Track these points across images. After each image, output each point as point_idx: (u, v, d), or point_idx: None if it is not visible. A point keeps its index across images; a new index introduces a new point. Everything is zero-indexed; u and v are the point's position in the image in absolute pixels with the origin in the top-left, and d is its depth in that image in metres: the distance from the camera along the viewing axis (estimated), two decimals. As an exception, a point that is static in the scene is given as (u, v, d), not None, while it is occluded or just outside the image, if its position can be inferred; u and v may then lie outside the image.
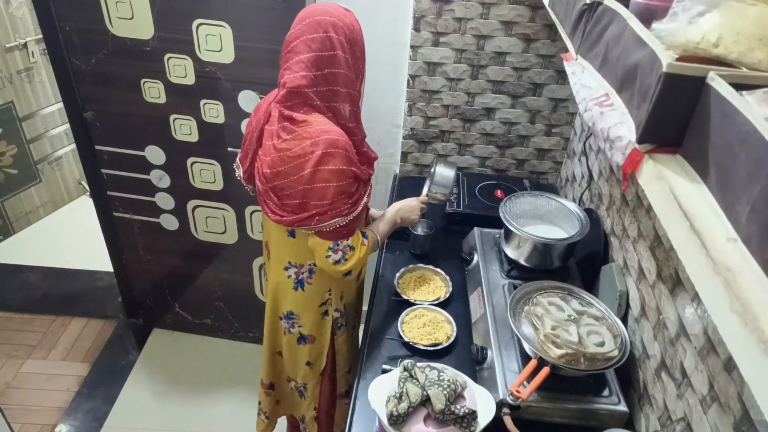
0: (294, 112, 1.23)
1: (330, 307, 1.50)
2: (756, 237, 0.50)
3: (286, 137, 1.23)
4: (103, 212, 2.26)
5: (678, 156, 0.68)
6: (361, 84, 1.31)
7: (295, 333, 1.53)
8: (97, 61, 1.89)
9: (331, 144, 1.20)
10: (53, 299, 2.76)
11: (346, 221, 1.28)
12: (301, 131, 1.22)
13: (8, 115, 2.95)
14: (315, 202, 1.24)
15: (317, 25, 1.19)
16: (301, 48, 1.20)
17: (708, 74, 0.61)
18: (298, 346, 1.55)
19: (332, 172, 1.21)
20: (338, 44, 1.20)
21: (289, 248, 1.40)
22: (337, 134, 1.22)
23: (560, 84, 1.98)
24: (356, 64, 1.26)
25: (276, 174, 1.25)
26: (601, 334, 1.20)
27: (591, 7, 0.98)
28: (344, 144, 1.22)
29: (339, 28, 1.20)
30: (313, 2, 1.67)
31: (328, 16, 1.20)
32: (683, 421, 1.03)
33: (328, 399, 1.68)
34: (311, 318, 1.49)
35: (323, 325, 1.52)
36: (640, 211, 1.34)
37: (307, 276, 1.43)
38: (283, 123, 1.25)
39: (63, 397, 2.28)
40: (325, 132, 1.20)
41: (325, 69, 1.20)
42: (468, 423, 1.05)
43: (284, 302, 1.49)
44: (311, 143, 1.20)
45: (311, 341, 1.54)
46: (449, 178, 1.58)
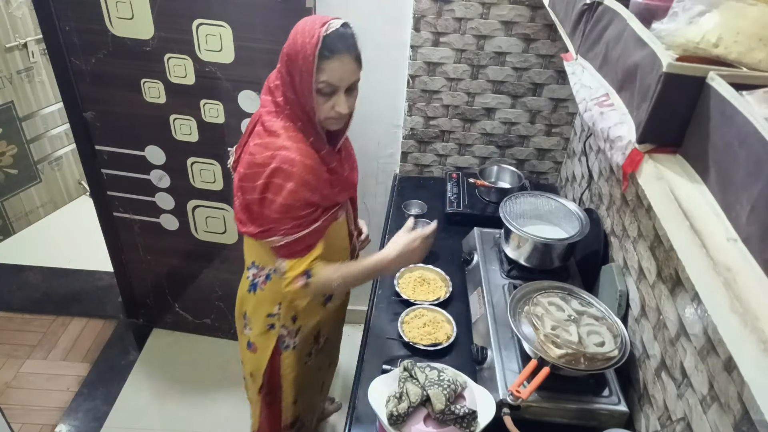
0: (271, 117, 1.21)
1: (277, 322, 1.42)
2: (756, 237, 0.50)
3: (257, 141, 1.21)
4: (103, 212, 2.26)
5: (678, 156, 0.68)
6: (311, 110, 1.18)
7: (247, 335, 1.49)
8: (97, 61, 1.89)
9: (286, 161, 1.15)
10: (53, 299, 2.76)
11: (282, 242, 1.20)
12: (267, 141, 1.18)
13: (8, 115, 2.95)
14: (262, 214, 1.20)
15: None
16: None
17: (708, 74, 0.62)
18: (246, 351, 1.51)
19: (279, 188, 1.16)
20: (282, 60, 1.18)
21: (252, 248, 1.38)
22: (298, 153, 1.16)
23: (560, 84, 1.98)
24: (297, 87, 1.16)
25: (244, 175, 1.22)
26: (601, 334, 1.20)
27: (591, 7, 0.98)
28: (302, 165, 1.16)
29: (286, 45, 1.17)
30: (313, 5, 1.67)
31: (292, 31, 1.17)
32: (683, 421, 1.03)
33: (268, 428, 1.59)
34: (258, 326, 1.43)
35: (268, 337, 1.44)
36: (640, 211, 1.34)
37: (263, 281, 1.38)
38: (260, 127, 1.23)
39: (63, 397, 2.28)
40: (286, 148, 1.16)
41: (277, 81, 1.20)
42: (468, 423, 1.05)
43: (242, 301, 1.48)
44: (270, 155, 1.17)
45: (254, 350, 1.48)
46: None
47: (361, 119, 2.11)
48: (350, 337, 2.58)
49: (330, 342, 1.66)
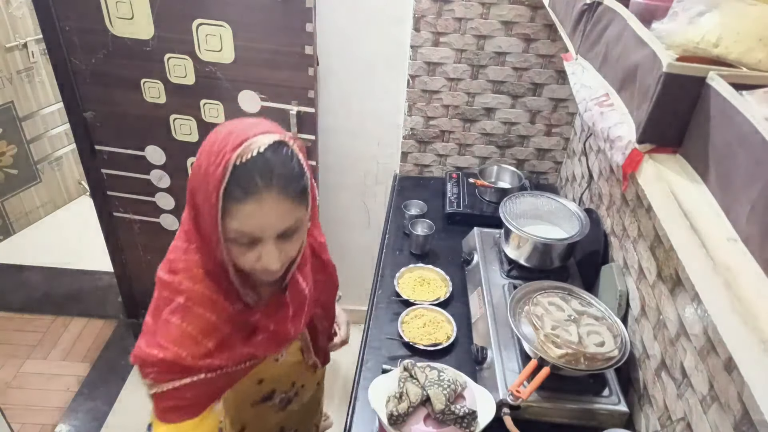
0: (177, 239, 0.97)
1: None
2: (756, 237, 0.50)
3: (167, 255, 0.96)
4: (103, 212, 2.26)
5: (678, 156, 0.68)
6: (215, 249, 0.84)
7: None
8: (97, 61, 1.89)
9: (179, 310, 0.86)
10: (53, 299, 2.76)
11: (152, 391, 0.84)
12: (165, 259, 0.96)
13: (8, 115, 2.95)
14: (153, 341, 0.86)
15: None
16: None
17: (708, 74, 0.62)
18: None
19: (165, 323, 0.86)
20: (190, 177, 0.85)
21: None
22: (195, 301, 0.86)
23: (560, 84, 1.98)
24: (198, 216, 0.85)
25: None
26: (601, 334, 1.20)
27: (591, 7, 0.98)
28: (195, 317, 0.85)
29: (196, 162, 0.82)
30: (313, 5, 1.67)
31: (204, 142, 0.82)
32: (683, 421, 1.03)
33: None
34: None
35: None
36: (640, 211, 1.34)
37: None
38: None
39: (63, 397, 2.28)
40: (179, 292, 0.87)
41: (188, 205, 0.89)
42: (468, 423, 1.05)
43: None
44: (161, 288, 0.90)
45: None
46: None
47: (361, 119, 2.13)
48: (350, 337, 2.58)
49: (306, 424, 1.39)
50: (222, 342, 0.87)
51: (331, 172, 2.24)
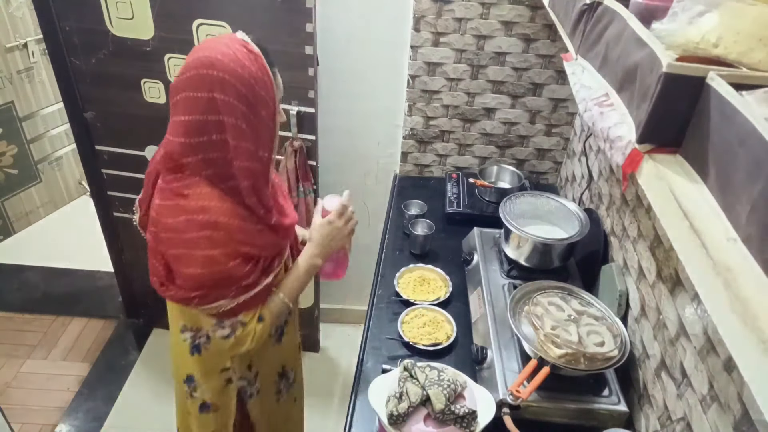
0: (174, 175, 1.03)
1: (233, 375, 1.27)
2: (756, 237, 0.50)
3: (163, 202, 1.04)
4: (103, 212, 2.26)
5: (678, 156, 0.68)
6: (269, 145, 1.07)
7: (197, 399, 1.29)
8: (97, 61, 1.89)
9: (210, 225, 1.00)
10: (53, 299, 2.76)
11: (233, 304, 1.08)
12: (177, 203, 1.02)
13: (8, 115, 2.95)
14: (192, 285, 1.05)
15: (201, 82, 0.96)
16: (182, 106, 0.99)
17: (708, 74, 0.62)
18: (201, 414, 1.31)
19: (208, 259, 1.02)
20: (226, 109, 0.96)
21: (181, 311, 1.21)
22: (219, 213, 1.01)
23: (560, 84, 1.98)
24: (259, 126, 1.02)
25: (158, 238, 1.06)
26: (601, 334, 1.20)
27: (591, 7, 0.98)
28: (226, 226, 1.02)
29: (229, 87, 0.96)
30: (313, 5, 1.67)
31: (218, 69, 0.95)
32: (683, 421, 1.03)
33: None
34: (213, 385, 1.27)
35: (226, 392, 1.29)
36: (640, 211, 1.34)
37: (205, 341, 1.21)
38: (163, 185, 1.05)
39: (63, 397, 2.28)
40: (204, 210, 1.00)
41: (212, 135, 0.99)
42: (468, 423, 1.05)
43: (183, 365, 1.27)
44: (186, 220, 1.01)
45: (215, 409, 1.31)
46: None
47: (362, 119, 2.13)
48: (350, 337, 2.59)
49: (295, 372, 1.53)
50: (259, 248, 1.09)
51: (331, 172, 2.24)
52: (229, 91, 0.96)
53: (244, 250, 1.06)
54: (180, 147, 1.01)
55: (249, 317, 1.12)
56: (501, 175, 2.07)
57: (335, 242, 1.24)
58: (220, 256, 1.02)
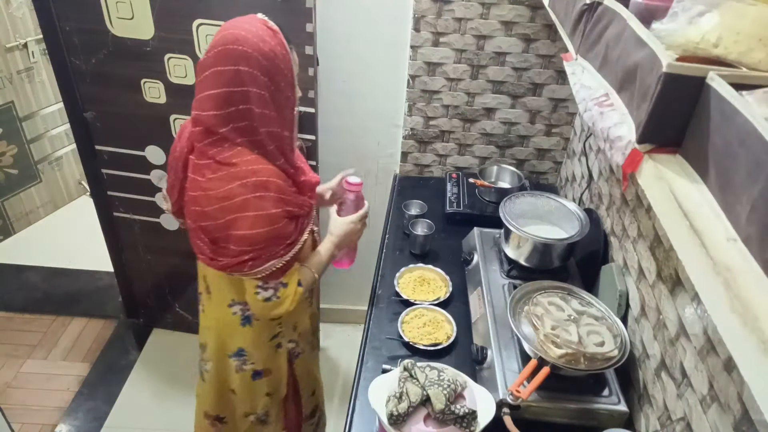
0: (216, 149, 1.12)
1: (283, 339, 1.43)
2: (756, 237, 0.50)
3: (211, 176, 1.13)
4: (103, 212, 2.26)
5: (678, 156, 0.68)
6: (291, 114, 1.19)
7: (248, 370, 1.41)
8: (97, 61, 1.89)
9: (261, 186, 1.11)
10: (53, 299, 2.76)
11: (282, 263, 1.20)
12: (228, 172, 1.11)
13: (8, 115, 2.95)
14: (245, 248, 1.13)
15: (227, 57, 1.06)
16: (210, 80, 1.08)
17: (708, 74, 0.62)
18: (254, 382, 1.43)
19: (262, 218, 1.11)
20: (250, 79, 1.07)
21: (230, 286, 1.31)
22: (268, 174, 1.12)
23: (560, 84, 1.98)
24: (279, 96, 1.13)
25: (203, 214, 1.15)
26: (601, 334, 1.20)
27: (591, 7, 0.98)
28: (276, 186, 1.13)
29: (252, 60, 1.06)
30: (313, 5, 1.67)
31: (242, 44, 1.06)
32: (683, 421, 1.03)
33: (295, 422, 1.63)
34: (264, 353, 1.40)
35: (277, 357, 1.44)
36: (640, 211, 1.34)
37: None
38: (205, 161, 1.14)
39: (63, 397, 2.28)
40: (255, 173, 1.10)
41: (239, 105, 1.08)
42: (468, 423, 1.05)
43: (232, 340, 1.38)
44: (240, 185, 1.10)
45: (267, 374, 1.44)
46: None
47: (362, 119, 2.13)
48: (350, 337, 2.59)
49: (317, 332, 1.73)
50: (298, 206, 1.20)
51: (331, 173, 2.23)
52: (252, 64, 1.06)
53: (289, 208, 1.17)
54: (214, 119, 1.10)
55: (289, 279, 1.24)
56: (501, 175, 2.07)
57: (350, 239, 1.42)
58: (271, 215, 1.13)
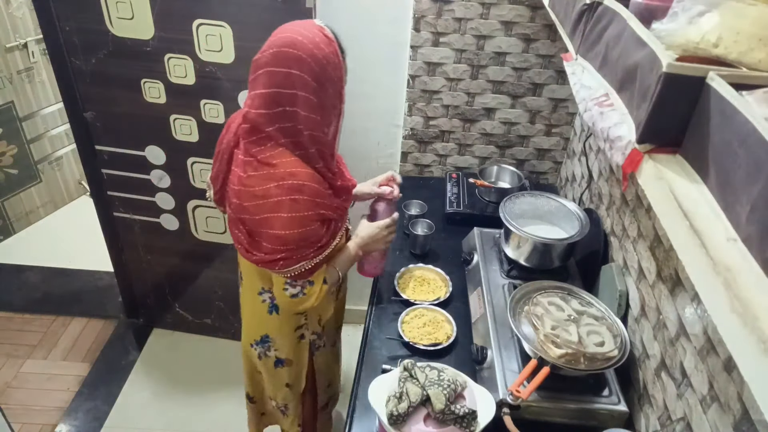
0: (259, 147, 1.15)
1: (306, 331, 1.48)
2: (756, 237, 0.50)
3: (251, 173, 1.16)
4: (103, 212, 2.26)
5: (678, 156, 0.68)
6: (336, 121, 1.22)
7: (271, 357, 1.48)
8: (97, 61, 1.89)
9: (296, 189, 1.13)
10: (53, 299, 2.76)
11: (311, 265, 1.23)
12: (266, 171, 1.14)
13: (8, 115, 2.95)
14: (278, 247, 1.17)
15: (282, 59, 1.09)
16: (263, 80, 1.11)
17: (708, 74, 0.62)
18: (276, 370, 1.51)
19: (294, 219, 1.14)
20: (300, 84, 1.10)
21: (261, 275, 1.37)
22: (305, 178, 1.15)
23: (560, 84, 1.98)
24: (326, 102, 1.16)
25: (242, 208, 1.18)
26: (601, 333, 1.20)
27: (591, 7, 0.98)
28: (311, 189, 1.15)
29: (305, 65, 1.09)
30: (313, 5, 1.67)
31: (297, 49, 1.08)
32: (683, 421, 1.03)
33: (311, 412, 1.69)
34: (288, 342, 1.46)
35: (300, 348, 1.49)
36: (640, 211, 1.34)
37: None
38: (248, 158, 1.17)
39: (63, 397, 2.28)
40: (292, 176, 1.13)
41: (287, 106, 1.11)
42: (468, 423, 1.05)
43: (259, 326, 1.45)
44: (276, 186, 1.13)
45: (288, 364, 1.50)
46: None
47: (362, 119, 2.13)
48: (350, 337, 2.58)
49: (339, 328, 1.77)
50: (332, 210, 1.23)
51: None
52: (304, 68, 1.09)
53: (322, 212, 1.19)
54: (261, 117, 1.13)
55: (316, 277, 1.28)
56: (501, 175, 2.07)
57: (375, 244, 1.42)
58: (304, 217, 1.16)
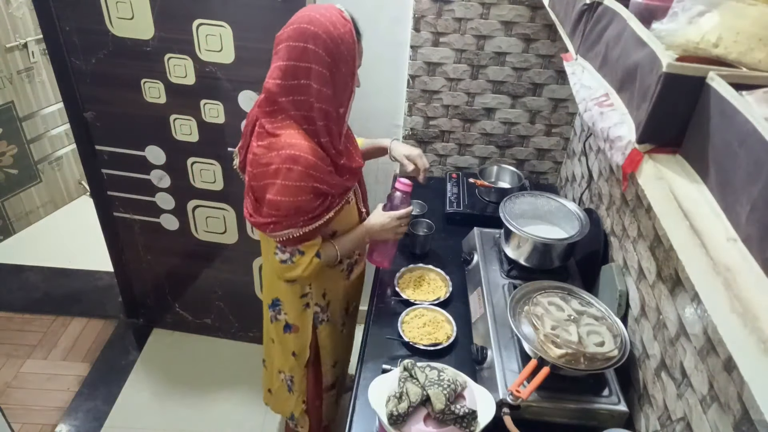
0: (271, 119, 1.23)
1: (311, 300, 1.53)
2: (756, 237, 0.50)
3: (260, 143, 1.25)
4: (103, 212, 2.26)
5: (678, 156, 0.68)
6: (347, 99, 1.28)
7: (281, 321, 1.57)
8: (97, 61, 1.89)
9: (291, 159, 1.20)
10: (53, 299, 2.76)
11: (299, 233, 1.29)
12: (270, 141, 1.23)
13: (8, 115, 2.95)
14: (271, 212, 1.25)
15: (300, 34, 1.17)
16: (282, 52, 1.19)
17: (708, 74, 0.62)
18: (285, 335, 1.59)
19: (286, 188, 1.21)
20: (315, 58, 1.17)
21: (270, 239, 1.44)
22: (302, 150, 1.20)
23: (560, 84, 1.98)
24: (338, 78, 1.22)
25: (252, 175, 1.28)
26: (601, 333, 1.20)
27: (591, 7, 0.98)
28: (307, 161, 1.20)
29: (320, 41, 1.17)
30: (314, 2, 1.67)
31: (314, 26, 1.17)
32: (683, 421, 1.03)
33: (314, 391, 1.72)
34: (294, 307, 1.53)
35: (305, 316, 1.55)
36: (639, 211, 1.34)
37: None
38: (261, 130, 1.26)
39: (63, 397, 2.28)
40: (290, 146, 1.20)
41: (301, 79, 1.19)
42: (468, 423, 1.05)
43: (272, 289, 1.55)
44: (276, 155, 1.21)
45: (295, 330, 1.57)
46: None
47: (362, 119, 2.12)
48: (350, 337, 2.58)
49: (356, 308, 1.78)
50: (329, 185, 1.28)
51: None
52: (319, 44, 1.17)
53: (316, 185, 1.24)
54: (277, 87, 1.21)
55: (308, 248, 1.33)
56: (501, 175, 2.07)
57: (384, 233, 1.47)
58: (296, 187, 1.22)
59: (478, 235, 1.68)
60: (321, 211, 1.31)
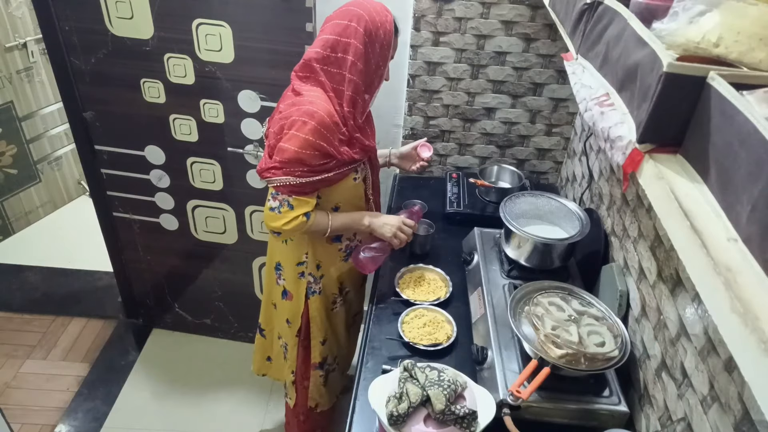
0: (301, 83, 1.36)
1: (305, 269, 1.58)
2: (756, 237, 0.50)
3: (286, 102, 1.37)
4: (102, 212, 2.26)
5: (678, 156, 0.68)
6: (377, 80, 1.41)
7: (281, 286, 1.63)
8: (96, 61, 1.88)
9: (308, 114, 1.30)
10: (53, 299, 2.76)
11: (295, 182, 1.34)
12: (295, 100, 1.35)
13: (8, 115, 2.95)
14: (276, 157, 1.34)
15: (346, 14, 1.34)
16: (327, 29, 1.35)
17: (708, 74, 0.61)
18: (282, 301, 1.65)
19: (295, 138, 1.30)
20: (355, 34, 1.31)
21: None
22: (320, 109, 1.30)
23: (560, 84, 1.98)
24: (372, 58, 1.35)
25: (273, 134, 1.39)
26: (602, 334, 1.20)
27: (591, 6, 0.98)
28: (322, 119, 1.30)
29: (363, 21, 1.32)
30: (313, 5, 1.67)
31: (360, 8, 1.33)
32: (684, 422, 1.03)
33: (302, 366, 1.75)
34: (291, 274, 1.59)
35: (300, 285, 1.60)
36: (640, 210, 1.34)
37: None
38: (289, 91, 1.39)
39: (63, 397, 2.28)
40: (310, 103, 1.31)
41: (339, 53, 1.32)
42: (468, 423, 1.05)
43: (275, 252, 1.62)
44: (295, 109, 1.32)
45: (290, 298, 1.63)
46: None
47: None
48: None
49: (352, 295, 1.78)
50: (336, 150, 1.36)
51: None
52: (361, 23, 1.32)
53: (323, 144, 1.32)
54: (315, 54, 1.34)
55: (298, 204, 1.38)
56: (501, 175, 2.07)
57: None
58: (304, 140, 1.30)
59: (478, 235, 1.68)
60: (321, 170, 1.36)
